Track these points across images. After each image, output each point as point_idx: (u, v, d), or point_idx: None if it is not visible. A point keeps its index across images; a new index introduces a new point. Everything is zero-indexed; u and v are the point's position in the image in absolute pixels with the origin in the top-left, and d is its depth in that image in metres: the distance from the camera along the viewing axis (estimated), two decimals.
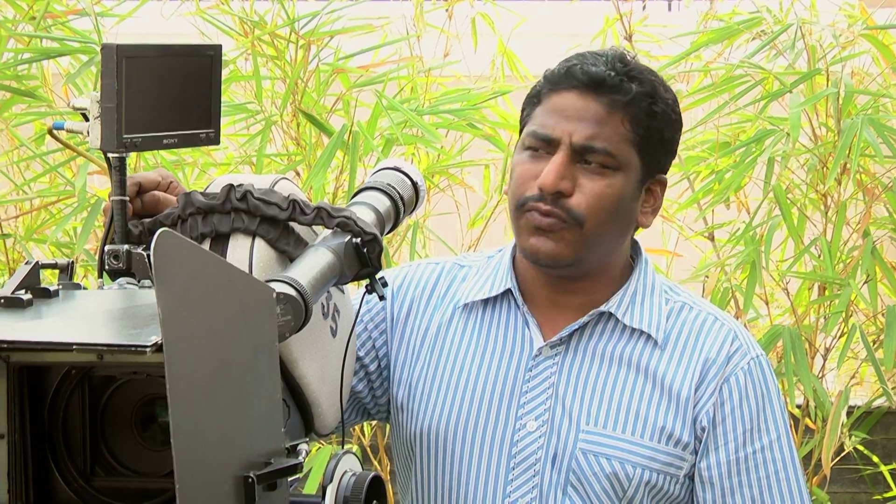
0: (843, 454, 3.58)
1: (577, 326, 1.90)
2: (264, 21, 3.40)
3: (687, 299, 1.95)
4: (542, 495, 1.87)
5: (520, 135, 1.91)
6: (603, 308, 1.90)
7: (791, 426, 3.49)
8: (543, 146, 1.85)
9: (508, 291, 1.94)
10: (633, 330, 1.90)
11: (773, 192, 3.32)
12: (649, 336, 1.90)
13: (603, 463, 1.86)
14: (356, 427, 3.47)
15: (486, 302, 1.95)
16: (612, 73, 1.84)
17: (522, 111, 1.92)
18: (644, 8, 4.14)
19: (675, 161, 3.58)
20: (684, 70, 3.62)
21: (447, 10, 3.76)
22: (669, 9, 5.63)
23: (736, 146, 3.43)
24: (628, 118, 1.85)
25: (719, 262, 3.43)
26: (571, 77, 1.85)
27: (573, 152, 1.84)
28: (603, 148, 1.84)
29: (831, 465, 3.30)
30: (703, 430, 1.87)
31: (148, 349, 1.28)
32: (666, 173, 1.94)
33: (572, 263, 1.87)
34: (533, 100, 1.89)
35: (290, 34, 3.36)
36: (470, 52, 3.74)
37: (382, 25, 3.54)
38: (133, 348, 1.29)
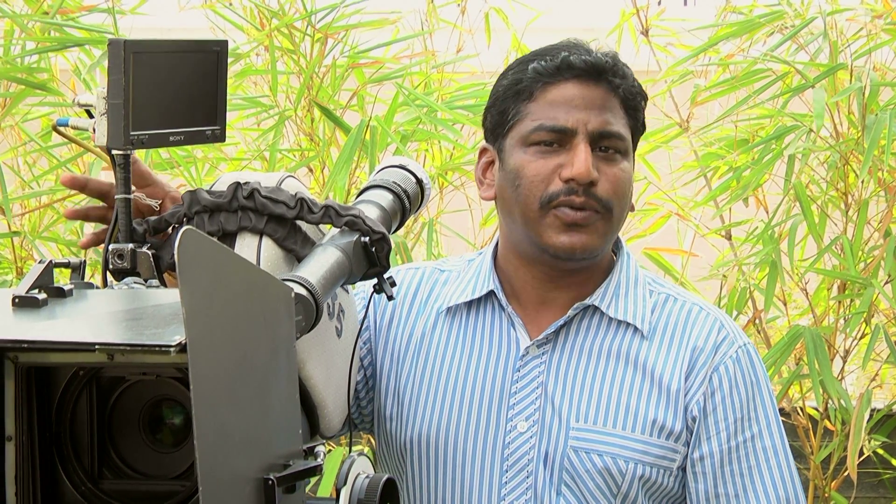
0: (862, 458, 3.57)
1: (562, 322, 1.90)
2: (284, 11, 3.41)
3: (671, 291, 1.96)
4: (536, 496, 1.87)
5: (503, 136, 1.89)
6: (588, 301, 1.91)
7: (809, 427, 3.51)
8: (556, 139, 1.85)
9: (492, 293, 1.94)
10: (619, 322, 1.91)
11: (793, 190, 3.31)
12: (636, 328, 1.90)
13: (595, 459, 1.86)
14: None
15: (469, 305, 1.95)
16: (608, 59, 1.87)
17: (501, 112, 1.89)
18: (659, 3, 4.13)
19: (693, 158, 3.61)
20: (702, 65, 3.61)
21: (459, 4, 3.76)
22: (685, 3, 5.61)
23: (755, 143, 3.42)
24: (622, 102, 1.88)
25: (737, 262, 3.43)
26: (569, 67, 1.86)
27: (591, 140, 1.85)
28: (617, 132, 1.86)
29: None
30: (693, 419, 1.88)
31: (172, 349, 1.28)
32: None
33: (599, 253, 1.89)
34: (520, 96, 1.87)
35: (307, 27, 3.37)
36: (483, 48, 3.74)
37: (395, 20, 3.55)
38: (157, 348, 1.29)
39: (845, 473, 3.33)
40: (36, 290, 1.45)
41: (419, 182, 1.74)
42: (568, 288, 1.91)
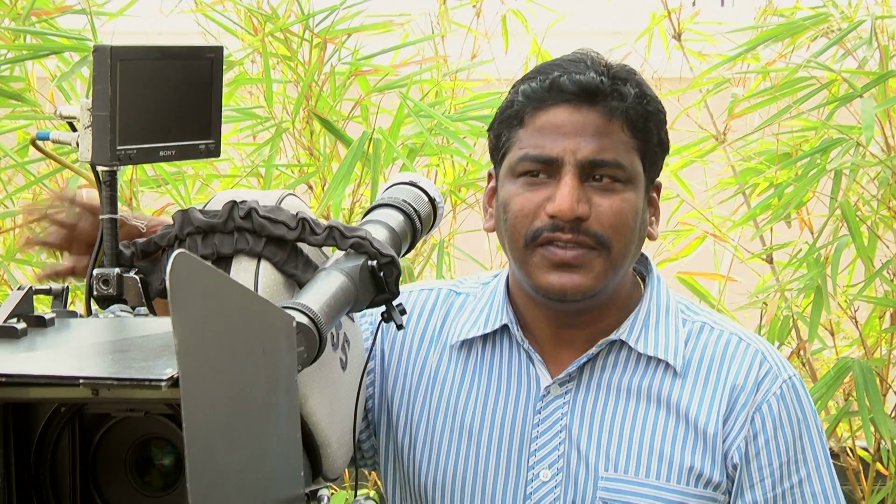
0: None
1: (586, 359, 1.89)
2: (276, 14, 3.42)
3: (707, 319, 1.94)
4: None
5: (498, 164, 1.88)
6: (613, 336, 1.89)
7: (860, 470, 3.50)
8: (543, 169, 1.83)
9: (506, 326, 1.93)
10: (650, 358, 1.89)
11: (840, 209, 3.32)
12: (668, 364, 1.89)
13: None
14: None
15: (483, 338, 1.94)
16: (604, 79, 1.83)
17: (496, 137, 1.88)
18: (694, 4, 4.15)
19: (730, 174, 3.61)
20: (740, 72, 3.63)
21: (475, 6, 3.77)
22: (722, 3, 5.63)
23: (798, 157, 3.43)
24: (627, 124, 1.84)
25: (780, 287, 3.43)
26: (559, 90, 1.83)
27: (580, 170, 1.83)
28: (613, 160, 1.83)
29: None
30: (734, 467, 1.87)
31: (163, 383, 1.29)
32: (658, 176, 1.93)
33: (598, 294, 1.86)
34: (511, 122, 1.86)
35: (304, 31, 3.38)
36: (500, 53, 3.75)
37: (403, 23, 3.56)
38: (147, 382, 1.30)
39: None
40: (14, 320, 1.46)
41: (431, 200, 1.75)
42: (583, 326, 1.90)
